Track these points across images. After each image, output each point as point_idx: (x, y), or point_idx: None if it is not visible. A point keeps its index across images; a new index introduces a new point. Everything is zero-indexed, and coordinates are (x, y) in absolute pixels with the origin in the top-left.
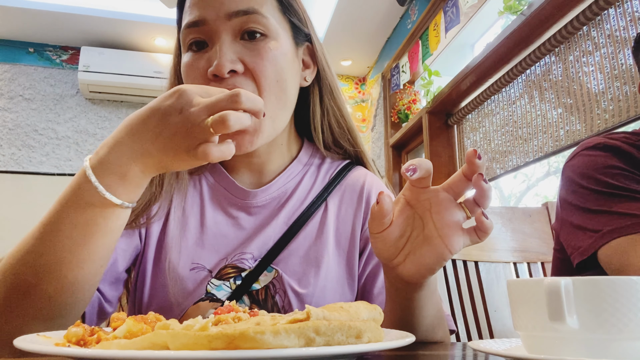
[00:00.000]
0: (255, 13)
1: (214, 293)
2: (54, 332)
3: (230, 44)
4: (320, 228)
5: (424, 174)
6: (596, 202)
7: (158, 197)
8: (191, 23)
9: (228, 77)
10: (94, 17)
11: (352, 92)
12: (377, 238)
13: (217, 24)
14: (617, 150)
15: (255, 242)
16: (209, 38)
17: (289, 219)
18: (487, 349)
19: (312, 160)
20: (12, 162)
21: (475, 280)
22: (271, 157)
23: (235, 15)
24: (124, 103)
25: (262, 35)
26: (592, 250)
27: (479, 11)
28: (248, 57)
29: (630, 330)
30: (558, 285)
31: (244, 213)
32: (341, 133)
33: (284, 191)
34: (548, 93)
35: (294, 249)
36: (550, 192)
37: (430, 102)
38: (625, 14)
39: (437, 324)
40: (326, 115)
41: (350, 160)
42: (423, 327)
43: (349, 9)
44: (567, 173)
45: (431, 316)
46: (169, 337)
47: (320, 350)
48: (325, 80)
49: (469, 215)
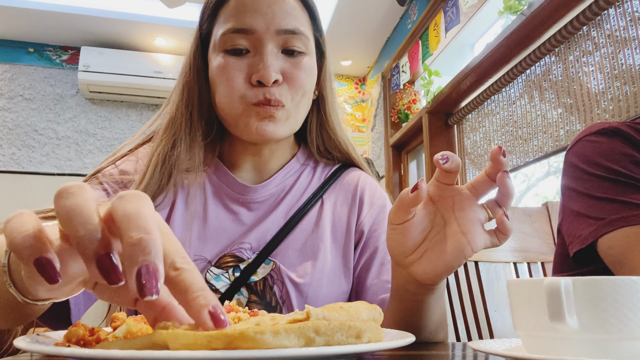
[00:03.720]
0: (300, 34)
1: (213, 283)
2: (54, 332)
3: (275, 56)
4: (317, 222)
5: (455, 167)
6: (601, 189)
7: (164, 187)
8: (240, 29)
9: (271, 86)
10: (94, 17)
11: (352, 92)
12: (396, 230)
13: (265, 36)
14: (623, 135)
15: (254, 234)
16: (253, 46)
17: (286, 214)
18: (487, 349)
19: (308, 162)
20: (12, 162)
21: (475, 280)
22: (274, 156)
23: (284, 33)
24: (124, 103)
25: (300, 53)
26: (592, 239)
27: (479, 11)
28: (288, 70)
29: (630, 330)
30: (558, 285)
31: (245, 209)
32: (333, 144)
33: (283, 187)
34: (548, 93)
35: (291, 241)
36: (550, 192)
37: (430, 102)
38: (625, 14)
39: (440, 325)
40: (321, 127)
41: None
42: (427, 330)
43: (349, 9)
44: (570, 159)
45: (436, 319)
46: (169, 337)
47: (320, 350)
48: (326, 95)
49: (490, 216)
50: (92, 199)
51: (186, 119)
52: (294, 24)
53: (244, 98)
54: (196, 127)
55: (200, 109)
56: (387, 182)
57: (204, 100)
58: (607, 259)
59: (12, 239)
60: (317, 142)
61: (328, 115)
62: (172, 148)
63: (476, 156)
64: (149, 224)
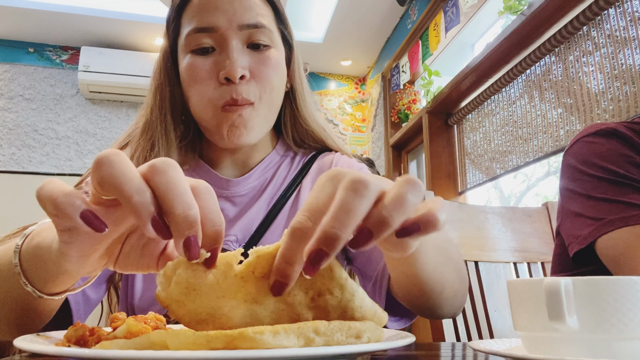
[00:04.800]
0: (263, 27)
1: None
2: (54, 332)
3: (240, 52)
4: (295, 205)
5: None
6: (599, 190)
7: None
8: (203, 28)
9: (238, 82)
10: (94, 17)
11: (352, 92)
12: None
13: (228, 33)
14: (620, 136)
15: (239, 226)
16: (218, 44)
17: (268, 204)
18: (487, 349)
19: (288, 153)
20: (12, 162)
21: (475, 280)
22: (253, 151)
23: (247, 28)
24: (124, 103)
25: (265, 46)
26: (592, 239)
27: (479, 11)
28: (254, 65)
29: (630, 330)
30: (558, 285)
31: (229, 203)
32: (307, 134)
33: (264, 179)
34: (548, 93)
35: (274, 229)
36: (550, 192)
37: (430, 102)
38: (625, 14)
39: (443, 262)
40: (294, 118)
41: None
42: (429, 272)
43: (349, 9)
44: (568, 160)
45: (434, 258)
46: (168, 337)
47: (319, 350)
48: (296, 87)
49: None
50: (132, 165)
51: (161, 121)
52: (256, 18)
53: (212, 101)
54: (170, 128)
55: (174, 111)
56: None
57: (178, 102)
58: (605, 259)
59: (54, 198)
60: (292, 134)
61: (299, 106)
62: (150, 150)
63: (476, 156)
64: (190, 199)
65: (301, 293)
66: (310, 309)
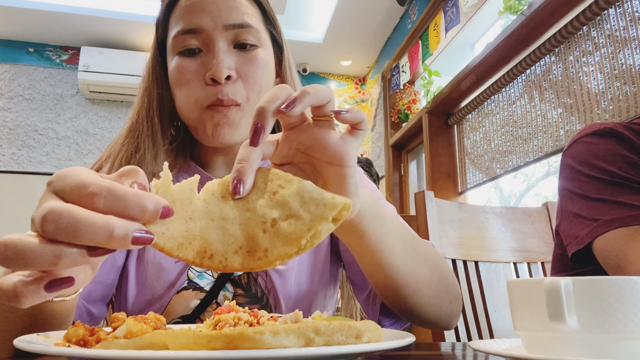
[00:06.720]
0: (249, 27)
1: (197, 281)
2: (54, 332)
3: (226, 52)
4: None
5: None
6: (596, 190)
7: None
8: (189, 30)
9: (224, 82)
10: (94, 17)
11: (352, 92)
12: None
13: (214, 33)
14: (619, 136)
15: None
16: (204, 45)
17: None
18: (487, 349)
19: None
20: (12, 162)
21: (475, 280)
22: None
23: (232, 28)
24: (124, 103)
25: (252, 46)
26: (589, 240)
27: (479, 11)
28: (241, 65)
29: (630, 330)
30: (558, 285)
31: None
32: None
33: None
34: (548, 93)
35: None
36: (550, 192)
37: (430, 102)
38: (625, 14)
39: (411, 254)
40: None
41: None
42: (396, 263)
43: (349, 9)
44: (567, 161)
45: (398, 246)
46: (168, 337)
47: (319, 350)
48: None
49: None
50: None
51: (148, 124)
52: (242, 17)
53: (198, 102)
54: (158, 130)
55: (162, 113)
56: (387, 182)
57: (166, 105)
58: (602, 260)
59: (92, 180)
60: None
61: None
62: (134, 152)
63: (476, 156)
64: (133, 197)
65: (259, 198)
66: (272, 208)
